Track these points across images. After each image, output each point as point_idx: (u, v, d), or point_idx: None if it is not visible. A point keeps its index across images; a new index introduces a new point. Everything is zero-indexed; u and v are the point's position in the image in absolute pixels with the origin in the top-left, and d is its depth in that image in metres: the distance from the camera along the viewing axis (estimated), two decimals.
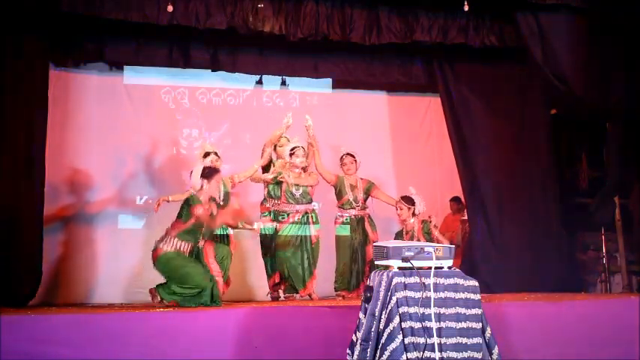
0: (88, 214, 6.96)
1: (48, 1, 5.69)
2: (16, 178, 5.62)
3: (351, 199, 6.28)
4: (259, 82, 7.68)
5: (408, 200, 6.20)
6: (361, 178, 6.43)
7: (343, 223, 6.29)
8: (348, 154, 6.42)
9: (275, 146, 6.39)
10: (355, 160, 6.39)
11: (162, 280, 5.20)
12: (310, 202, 6.19)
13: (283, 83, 7.76)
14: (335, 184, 6.34)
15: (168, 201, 6.01)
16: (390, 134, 7.96)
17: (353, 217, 6.29)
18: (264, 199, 6.37)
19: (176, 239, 5.13)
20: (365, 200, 6.37)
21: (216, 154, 6.01)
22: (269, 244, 6.23)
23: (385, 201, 6.52)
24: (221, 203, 5.94)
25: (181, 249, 5.13)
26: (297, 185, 6.10)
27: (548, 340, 4.48)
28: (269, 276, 6.26)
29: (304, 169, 6.24)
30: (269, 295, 6.27)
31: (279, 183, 6.16)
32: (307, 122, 6.20)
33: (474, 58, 7.17)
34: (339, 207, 6.35)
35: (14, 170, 5.63)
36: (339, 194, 6.34)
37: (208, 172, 5.35)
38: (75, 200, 6.95)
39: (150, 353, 3.98)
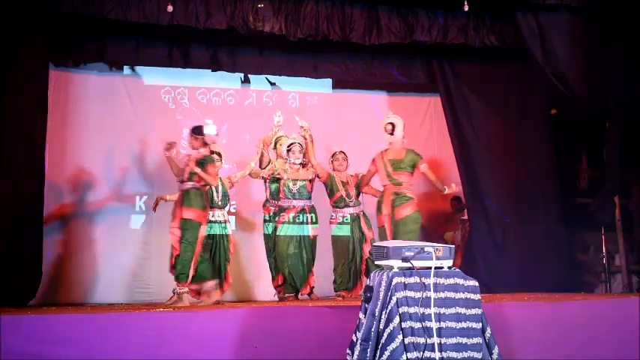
0: (88, 214, 6.96)
1: (48, 1, 5.70)
2: (16, 177, 5.62)
3: (343, 195, 6.26)
4: (245, 81, 7.67)
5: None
6: (351, 175, 6.42)
7: (342, 222, 6.27)
8: (341, 151, 6.42)
9: (275, 144, 6.39)
10: (346, 158, 6.38)
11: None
12: (308, 198, 6.18)
13: (273, 84, 7.75)
14: (325, 182, 6.30)
15: (166, 200, 6.01)
16: None
17: (349, 215, 6.27)
18: (267, 200, 6.36)
19: None
20: (357, 196, 6.36)
21: (219, 154, 6.01)
22: (273, 244, 6.21)
23: (375, 195, 6.49)
24: (220, 203, 5.97)
25: None
26: (295, 180, 6.10)
27: (548, 340, 4.48)
28: (273, 277, 6.25)
29: (302, 165, 6.23)
30: (276, 295, 6.25)
31: (278, 181, 6.15)
32: (301, 123, 6.08)
33: (474, 58, 7.18)
34: (333, 205, 6.32)
35: (14, 170, 5.63)
36: (331, 192, 6.31)
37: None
38: (75, 200, 6.95)
39: (150, 353, 3.98)
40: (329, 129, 7.42)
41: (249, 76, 7.63)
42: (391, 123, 5.96)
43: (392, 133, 5.94)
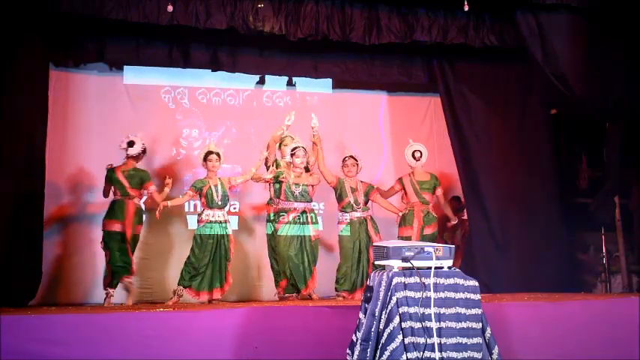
0: (87, 214, 6.95)
1: (48, 1, 5.70)
2: (16, 177, 5.62)
3: (352, 202, 6.26)
4: (260, 81, 7.66)
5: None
6: (361, 181, 6.42)
7: (347, 223, 6.27)
8: (351, 156, 6.42)
9: (280, 145, 6.40)
10: (357, 164, 6.39)
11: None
12: (310, 201, 6.18)
13: (290, 84, 7.74)
14: (335, 187, 6.33)
15: (167, 206, 6.01)
16: (391, 134, 7.96)
17: (355, 219, 6.27)
18: (270, 198, 6.35)
19: None
20: (365, 203, 6.36)
21: (218, 154, 6.02)
22: (275, 244, 6.19)
23: (383, 205, 6.51)
24: (219, 203, 5.98)
25: None
26: (297, 184, 6.10)
27: (548, 340, 4.49)
28: (275, 276, 6.23)
29: (306, 168, 6.24)
30: (276, 295, 6.24)
31: (280, 182, 6.15)
32: (313, 122, 6.16)
33: (474, 58, 7.17)
34: (341, 210, 6.34)
35: (15, 170, 5.62)
36: (340, 197, 6.33)
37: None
38: (75, 200, 6.94)
39: (150, 353, 3.98)
40: (329, 129, 7.40)
41: (265, 77, 7.61)
42: (419, 151, 6.65)
43: (419, 159, 6.60)
